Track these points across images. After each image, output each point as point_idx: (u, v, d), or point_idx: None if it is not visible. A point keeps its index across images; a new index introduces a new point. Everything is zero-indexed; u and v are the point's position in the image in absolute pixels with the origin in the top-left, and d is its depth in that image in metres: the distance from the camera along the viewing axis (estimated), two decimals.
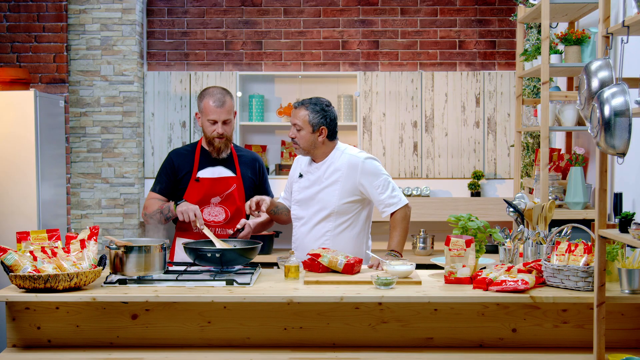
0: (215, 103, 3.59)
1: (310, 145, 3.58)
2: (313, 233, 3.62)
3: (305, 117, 3.55)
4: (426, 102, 5.92)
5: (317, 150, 3.60)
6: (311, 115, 3.55)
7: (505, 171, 5.91)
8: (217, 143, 3.63)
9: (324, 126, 3.56)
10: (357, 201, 3.59)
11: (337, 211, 3.58)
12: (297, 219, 3.71)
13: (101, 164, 5.73)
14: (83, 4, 5.67)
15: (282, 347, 2.98)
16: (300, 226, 3.69)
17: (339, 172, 3.57)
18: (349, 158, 3.58)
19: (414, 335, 3.00)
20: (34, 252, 3.02)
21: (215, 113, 3.59)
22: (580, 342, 2.98)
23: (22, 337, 3.01)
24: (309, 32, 6.06)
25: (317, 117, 3.55)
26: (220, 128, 3.60)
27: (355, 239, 3.62)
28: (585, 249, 2.98)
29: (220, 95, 3.62)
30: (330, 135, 3.60)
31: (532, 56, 4.77)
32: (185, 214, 3.41)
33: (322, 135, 3.57)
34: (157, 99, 5.95)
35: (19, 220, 4.94)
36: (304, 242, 3.65)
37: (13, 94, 5.04)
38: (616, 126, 2.58)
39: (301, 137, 3.57)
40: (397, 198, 3.55)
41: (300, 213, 3.68)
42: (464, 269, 3.12)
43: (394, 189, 3.57)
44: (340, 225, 3.60)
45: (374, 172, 3.56)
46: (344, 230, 3.60)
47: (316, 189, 3.62)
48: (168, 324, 3.00)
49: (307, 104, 3.57)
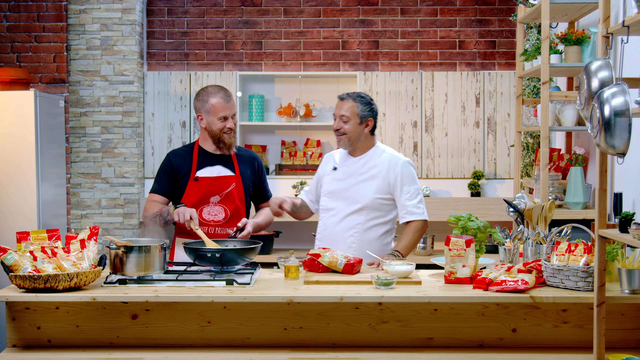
0: (223, 99, 3.65)
1: (357, 136, 3.66)
2: (343, 224, 3.67)
3: (354, 108, 3.63)
4: (426, 102, 5.92)
5: (360, 142, 3.68)
6: (360, 106, 3.63)
7: (505, 171, 5.91)
8: (227, 139, 3.68)
9: (371, 118, 3.66)
10: (389, 199, 3.66)
11: (369, 206, 3.64)
12: (326, 210, 3.76)
13: (101, 164, 5.73)
14: (83, 4, 5.67)
15: (282, 347, 2.98)
16: (329, 217, 3.74)
17: (377, 168, 3.66)
18: (391, 157, 3.67)
19: (414, 335, 3.00)
20: (34, 252, 3.02)
21: (227, 109, 3.65)
22: (580, 342, 2.98)
23: (22, 337, 3.01)
24: (309, 32, 6.06)
25: (365, 109, 3.64)
26: (230, 122, 3.66)
27: (381, 236, 3.67)
28: (585, 249, 2.98)
29: (224, 91, 3.68)
30: (372, 130, 3.70)
31: (532, 56, 4.77)
32: (181, 215, 3.43)
33: (369, 127, 3.67)
34: (157, 99, 5.95)
35: (19, 220, 4.94)
36: (332, 233, 3.70)
37: (13, 94, 5.04)
38: (616, 126, 2.58)
39: (348, 128, 3.63)
40: (421, 210, 3.63)
41: (331, 204, 3.73)
42: (464, 269, 3.12)
43: (421, 201, 3.65)
44: (370, 220, 3.65)
45: (410, 177, 3.65)
46: (373, 226, 3.65)
47: (351, 182, 3.68)
48: (168, 324, 3.00)
49: (355, 96, 3.67)
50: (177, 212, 3.45)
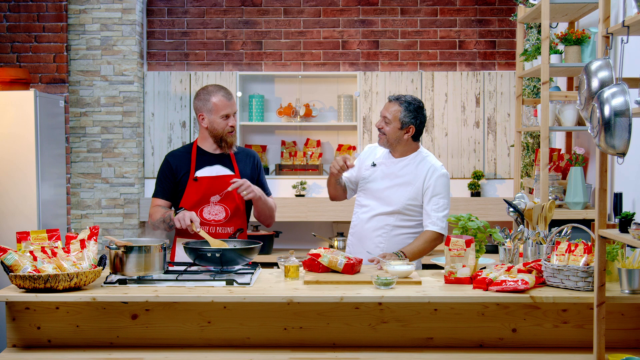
0: (225, 97, 3.65)
1: (396, 139, 3.66)
2: (372, 223, 3.69)
3: (397, 112, 3.63)
4: (426, 102, 5.91)
5: (399, 146, 3.69)
6: (403, 112, 3.63)
7: (505, 171, 5.91)
8: (229, 138, 3.68)
9: (413, 125, 3.65)
10: (421, 206, 3.66)
11: (401, 210, 3.65)
12: (360, 206, 3.78)
13: (101, 164, 5.73)
14: (83, 4, 5.67)
15: (282, 347, 2.98)
16: (361, 213, 3.76)
17: (414, 174, 3.66)
18: (430, 166, 3.67)
19: (414, 335, 3.00)
20: (34, 252, 3.02)
21: (229, 107, 3.65)
22: (580, 342, 2.98)
23: (22, 337, 3.01)
24: (309, 32, 6.06)
25: (409, 115, 3.63)
26: (232, 120, 3.67)
27: (408, 240, 3.66)
28: (585, 249, 2.98)
29: (224, 90, 3.69)
30: (415, 136, 3.68)
31: (532, 56, 4.77)
32: (181, 221, 3.42)
33: (409, 134, 3.66)
34: (157, 99, 5.95)
35: (19, 220, 4.94)
36: (363, 229, 3.72)
37: (13, 94, 5.04)
38: (616, 126, 2.58)
39: (388, 130, 3.64)
40: (444, 224, 3.62)
41: (365, 201, 3.76)
42: (464, 269, 3.12)
43: (447, 215, 3.62)
44: (400, 222, 3.66)
45: (443, 188, 3.65)
46: (401, 228, 3.66)
47: (387, 183, 3.69)
48: (168, 324, 3.00)
49: (403, 100, 3.65)
50: (177, 219, 3.45)
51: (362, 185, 3.80)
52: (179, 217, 3.44)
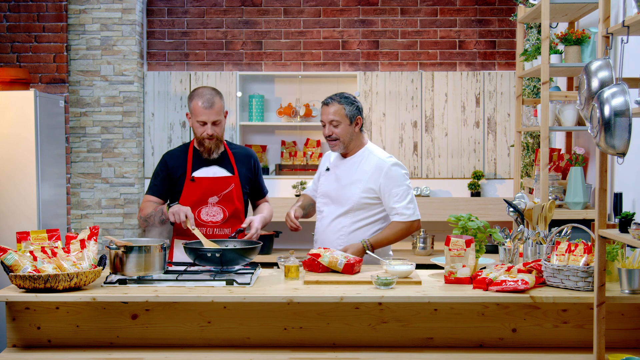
0: (204, 104, 3.55)
1: (350, 137, 3.64)
2: (331, 228, 3.68)
3: (341, 110, 3.61)
4: (426, 102, 5.92)
5: (353, 142, 3.67)
6: (347, 107, 3.61)
7: (505, 171, 5.91)
8: (207, 144, 3.61)
9: (359, 116, 3.65)
10: (375, 198, 3.62)
11: (355, 208, 3.62)
12: (319, 212, 3.79)
13: (101, 164, 5.73)
14: (83, 4, 5.67)
15: (282, 347, 2.98)
16: (321, 219, 3.76)
17: (363, 171, 3.62)
18: (377, 161, 3.62)
19: (414, 335, 3.00)
20: (34, 252, 3.02)
21: (205, 114, 3.56)
22: (580, 342, 2.98)
23: (22, 337, 3.01)
24: (309, 32, 6.06)
25: (352, 109, 3.62)
26: (210, 129, 3.57)
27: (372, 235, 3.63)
28: (585, 249, 2.98)
29: (210, 96, 3.58)
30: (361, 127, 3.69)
31: (532, 56, 4.77)
32: (176, 215, 3.38)
33: (358, 126, 3.65)
34: (157, 99, 5.95)
35: (19, 220, 4.94)
36: (324, 235, 3.71)
37: (13, 94, 5.04)
38: (616, 126, 2.58)
39: (340, 131, 3.62)
40: (411, 211, 3.58)
41: (322, 207, 3.76)
42: (464, 269, 3.12)
43: (412, 201, 3.60)
44: (356, 222, 3.63)
45: (397, 179, 3.59)
46: (359, 228, 3.63)
47: (339, 184, 3.67)
48: (168, 324, 3.00)
49: (339, 98, 3.64)
50: (171, 212, 3.41)
51: (319, 190, 3.79)
52: (173, 211, 3.41)
